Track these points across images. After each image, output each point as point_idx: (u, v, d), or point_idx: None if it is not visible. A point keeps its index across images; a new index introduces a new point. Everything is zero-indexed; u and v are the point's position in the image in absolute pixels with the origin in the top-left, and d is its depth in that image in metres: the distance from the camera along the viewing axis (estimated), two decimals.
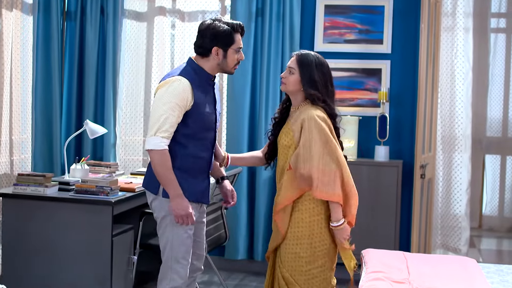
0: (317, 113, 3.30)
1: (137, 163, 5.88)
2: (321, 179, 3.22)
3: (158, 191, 3.42)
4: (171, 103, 3.27)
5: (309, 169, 3.23)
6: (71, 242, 4.15)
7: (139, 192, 4.42)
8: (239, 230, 5.58)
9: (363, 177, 5.26)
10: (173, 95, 3.28)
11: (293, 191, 3.30)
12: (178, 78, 3.33)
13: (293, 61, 3.40)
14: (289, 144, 3.35)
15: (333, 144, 3.27)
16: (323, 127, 3.27)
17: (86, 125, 4.76)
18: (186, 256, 3.46)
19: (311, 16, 5.62)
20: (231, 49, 3.39)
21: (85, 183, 4.21)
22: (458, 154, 5.70)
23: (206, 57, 3.40)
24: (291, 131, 3.35)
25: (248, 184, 5.61)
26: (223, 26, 3.36)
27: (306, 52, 3.42)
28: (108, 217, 4.09)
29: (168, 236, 3.43)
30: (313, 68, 3.34)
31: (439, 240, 5.80)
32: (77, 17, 5.70)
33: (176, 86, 3.30)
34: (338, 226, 3.29)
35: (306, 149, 3.25)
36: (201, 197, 3.51)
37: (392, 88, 5.50)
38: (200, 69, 3.41)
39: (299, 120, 3.31)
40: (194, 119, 3.37)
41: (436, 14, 5.39)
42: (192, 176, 3.43)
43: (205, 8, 5.78)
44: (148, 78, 5.82)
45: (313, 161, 3.23)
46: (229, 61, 3.41)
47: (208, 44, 3.36)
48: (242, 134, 5.57)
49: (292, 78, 3.37)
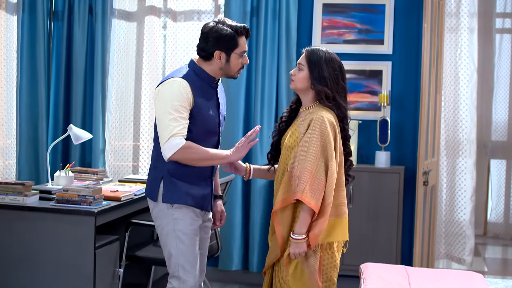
0: (327, 116, 3.16)
1: (127, 170, 5.72)
2: (311, 183, 3.05)
3: (157, 197, 3.31)
4: (175, 106, 3.17)
5: (301, 169, 3.07)
6: (51, 255, 3.97)
7: (125, 201, 4.24)
8: (234, 239, 5.42)
9: (363, 184, 5.15)
10: (174, 97, 3.17)
11: (290, 194, 3.12)
12: (176, 79, 3.22)
13: (303, 57, 3.28)
14: (293, 145, 3.21)
15: (330, 152, 3.11)
16: (327, 132, 3.12)
17: (70, 130, 4.58)
18: (194, 263, 3.32)
19: (309, 15, 5.50)
20: (234, 53, 3.28)
21: (66, 192, 3.99)
22: (462, 159, 5.63)
23: (208, 60, 3.30)
24: (297, 132, 3.21)
25: (243, 191, 5.46)
26: (226, 29, 3.25)
27: (315, 47, 3.29)
28: (90, 228, 3.90)
29: (172, 244, 3.30)
30: (322, 64, 3.21)
31: (443, 250, 5.70)
32: (64, 17, 5.55)
33: (175, 88, 3.19)
34: (298, 240, 3.10)
35: (303, 149, 3.11)
36: (202, 202, 3.37)
37: (394, 91, 5.40)
38: (201, 71, 3.30)
39: (307, 120, 3.18)
40: (195, 122, 3.25)
41: (440, 13, 5.30)
42: (193, 183, 3.32)
43: (198, 8, 5.64)
44: (138, 80, 5.67)
45: (307, 162, 3.07)
46: (232, 66, 3.31)
47: (210, 47, 3.27)
48: (236, 138, 5.35)
49: (300, 75, 3.25)
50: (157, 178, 3.31)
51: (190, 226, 3.31)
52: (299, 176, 3.07)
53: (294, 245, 3.10)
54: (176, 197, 3.28)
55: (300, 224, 3.10)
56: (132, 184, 4.72)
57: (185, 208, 3.30)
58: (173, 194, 3.28)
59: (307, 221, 3.09)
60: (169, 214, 3.29)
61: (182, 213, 3.29)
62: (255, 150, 5.32)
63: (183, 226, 3.29)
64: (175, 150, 3.14)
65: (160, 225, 3.34)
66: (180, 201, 3.28)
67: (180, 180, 3.28)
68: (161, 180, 3.29)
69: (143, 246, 4.48)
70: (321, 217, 3.09)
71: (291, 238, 3.12)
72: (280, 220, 3.18)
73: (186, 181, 3.30)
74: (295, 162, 3.10)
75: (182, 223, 3.29)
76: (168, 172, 3.28)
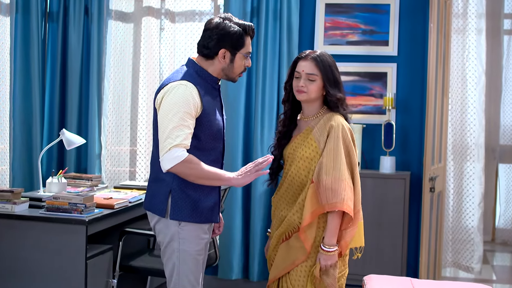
0: (344, 122, 3.12)
1: (123, 175, 5.61)
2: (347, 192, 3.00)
3: (166, 213, 3.08)
4: (180, 113, 2.92)
5: (332, 180, 2.98)
6: (41, 265, 3.82)
7: (119, 209, 4.09)
8: (234, 248, 5.29)
9: (367, 191, 5.00)
10: (180, 103, 2.93)
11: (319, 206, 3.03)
12: (183, 83, 2.98)
13: (311, 66, 3.11)
14: (312, 155, 3.10)
15: (354, 159, 3.08)
16: (349, 139, 3.09)
17: (62, 134, 4.47)
18: (195, 283, 3.14)
19: (311, 15, 5.40)
20: (240, 53, 3.08)
21: (56, 200, 3.85)
22: (470, 164, 5.58)
23: (210, 59, 3.08)
24: (314, 142, 3.09)
25: (243, 198, 5.33)
26: (234, 26, 3.04)
27: (319, 52, 3.16)
28: (81, 237, 3.75)
29: (175, 262, 3.10)
30: (334, 69, 3.14)
31: (450, 258, 5.60)
32: (59, 18, 5.45)
33: (182, 92, 2.95)
34: (330, 252, 3.01)
35: (329, 159, 3.02)
36: (210, 216, 3.16)
37: (399, 94, 5.32)
38: (203, 72, 3.08)
39: (325, 128, 3.08)
40: (203, 128, 3.03)
41: (447, 13, 5.23)
42: (201, 194, 3.09)
43: (196, 8, 5.55)
44: (135, 83, 5.57)
45: (337, 171, 2.99)
46: (236, 67, 3.11)
47: (215, 45, 3.04)
48: (237, 141, 5.29)
49: (314, 85, 3.12)
50: (164, 192, 3.07)
51: (196, 247, 3.11)
52: (333, 187, 2.98)
53: (325, 257, 3.02)
54: (185, 215, 3.06)
55: (330, 234, 3.02)
56: (128, 190, 4.58)
57: (192, 226, 3.09)
58: (182, 211, 3.06)
59: (336, 230, 3.03)
60: (175, 232, 3.08)
61: (189, 231, 3.08)
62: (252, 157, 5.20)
63: (188, 246, 3.09)
64: (176, 163, 2.90)
65: (164, 241, 3.14)
66: (189, 219, 3.07)
67: (191, 191, 3.06)
68: (169, 194, 3.07)
69: (139, 255, 4.34)
70: (352, 224, 3.06)
71: (323, 250, 3.02)
72: (308, 234, 3.08)
73: (197, 192, 3.07)
74: (322, 173, 3.01)
75: (188, 243, 3.09)
76: (178, 185, 3.05)
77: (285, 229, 3.16)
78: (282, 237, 3.18)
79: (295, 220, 3.11)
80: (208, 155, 3.09)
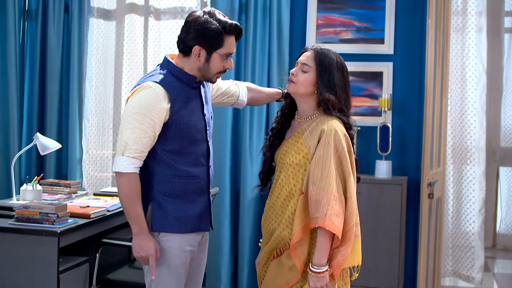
0: (339, 127, 2.81)
1: (106, 181, 5.49)
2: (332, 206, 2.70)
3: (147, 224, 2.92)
4: (140, 117, 2.77)
5: (317, 191, 2.71)
6: (10, 280, 3.64)
7: (95, 218, 3.89)
8: (222, 257, 5.22)
9: (362, 197, 4.74)
10: (142, 106, 2.78)
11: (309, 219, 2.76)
12: (149, 84, 2.82)
13: (309, 56, 2.88)
14: (301, 162, 2.83)
15: (347, 168, 2.78)
16: (342, 145, 2.78)
17: (36, 139, 4.30)
18: None
19: (302, 12, 5.33)
20: (217, 53, 2.86)
21: (27, 209, 3.64)
22: (470, 168, 5.48)
23: (187, 56, 2.89)
24: (304, 147, 2.83)
25: (231, 205, 5.24)
26: (214, 23, 2.82)
27: (325, 48, 2.91)
28: (53, 249, 3.55)
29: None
30: (334, 69, 2.85)
31: (450, 267, 5.48)
32: (38, 16, 5.44)
33: (145, 95, 2.79)
34: (319, 273, 2.72)
35: (317, 167, 2.74)
36: (199, 224, 2.99)
37: (395, 94, 5.25)
38: (179, 71, 2.89)
39: (316, 132, 2.81)
40: (175, 132, 2.86)
41: (445, 9, 5.15)
42: (186, 201, 2.92)
43: (182, 5, 5.47)
44: (118, 84, 5.49)
45: (323, 182, 2.71)
46: (212, 67, 2.89)
47: (190, 40, 2.86)
48: (224, 144, 5.22)
49: (305, 77, 2.86)
50: (143, 201, 2.90)
51: (178, 259, 2.92)
52: (317, 199, 2.71)
53: (314, 279, 2.73)
54: (166, 225, 2.89)
55: (319, 254, 2.74)
56: (108, 198, 4.39)
57: (172, 236, 2.91)
58: (163, 222, 2.89)
59: (327, 249, 2.74)
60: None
61: (170, 243, 2.90)
62: (245, 164, 5.11)
63: (169, 259, 2.91)
64: (122, 171, 2.79)
65: None
66: (169, 229, 2.90)
67: (174, 199, 2.89)
68: (149, 204, 2.90)
69: (118, 267, 4.19)
70: (344, 243, 2.76)
71: (311, 271, 2.74)
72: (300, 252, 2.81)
73: (181, 199, 2.90)
74: (310, 183, 2.74)
75: (169, 255, 2.91)
76: (159, 192, 2.90)
77: (275, 245, 2.91)
78: (273, 253, 2.93)
79: (285, 236, 2.85)
80: (188, 160, 2.91)
